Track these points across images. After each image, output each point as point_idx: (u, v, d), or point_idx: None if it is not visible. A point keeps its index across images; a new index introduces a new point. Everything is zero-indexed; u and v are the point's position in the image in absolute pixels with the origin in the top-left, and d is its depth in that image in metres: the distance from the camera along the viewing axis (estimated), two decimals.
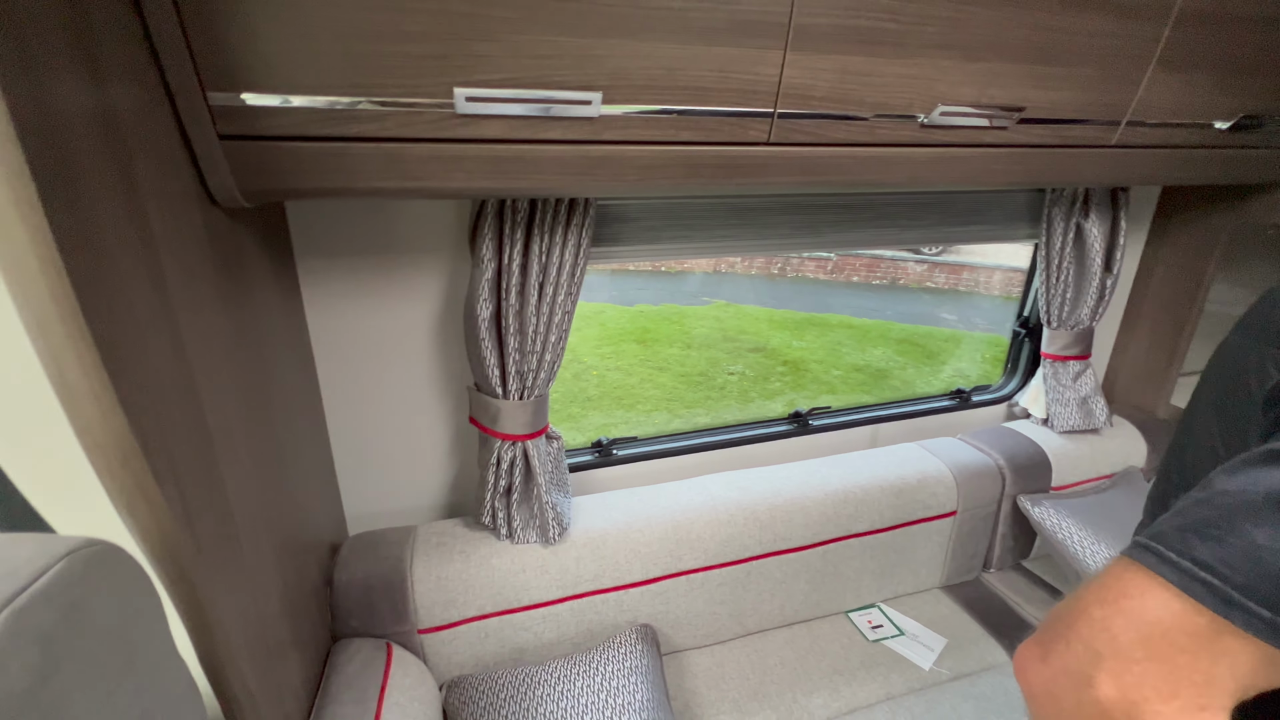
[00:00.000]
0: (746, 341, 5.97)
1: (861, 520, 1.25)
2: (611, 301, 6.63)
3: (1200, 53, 0.94)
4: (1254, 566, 0.29)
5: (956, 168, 0.94)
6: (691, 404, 4.72)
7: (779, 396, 5.01)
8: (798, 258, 7.37)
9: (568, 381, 4.99)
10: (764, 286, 7.42)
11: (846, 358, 5.70)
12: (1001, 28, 0.82)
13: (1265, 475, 0.32)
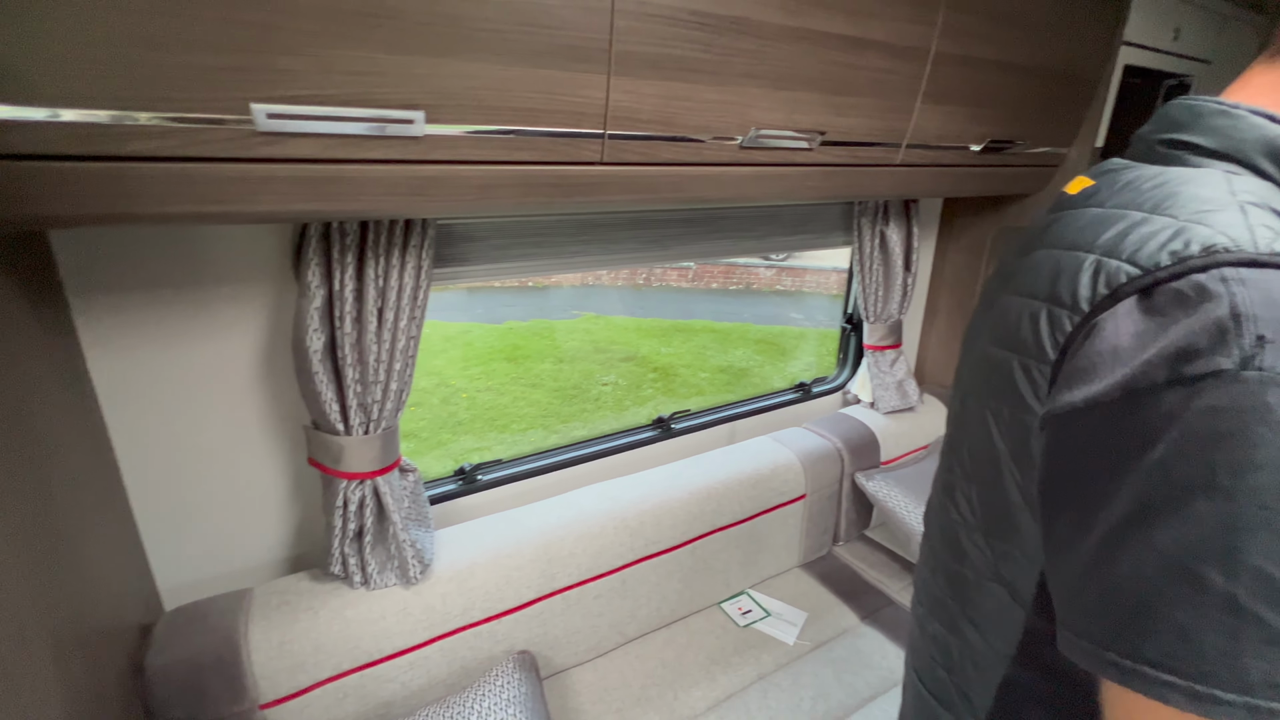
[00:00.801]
0: (618, 352, 6.08)
1: (724, 514, 1.33)
2: (479, 320, 6.42)
3: (954, 89, 1.14)
4: (1194, 650, 0.32)
5: (775, 184, 1.04)
6: (568, 418, 4.70)
7: (652, 403, 5.16)
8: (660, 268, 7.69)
9: (436, 407, 4.75)
10: (631, 297, 7.62)
11: (711, 360, 6.02)
12: (799, 61, 0.93)
13: (1150, 547, 0.34)
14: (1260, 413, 0.32)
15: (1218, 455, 0.33)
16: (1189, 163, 0.44)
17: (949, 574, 0.57)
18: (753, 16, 0.86)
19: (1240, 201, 0.38)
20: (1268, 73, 0.44)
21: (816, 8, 0.90)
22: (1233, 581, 0.32)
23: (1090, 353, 0.39)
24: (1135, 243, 0.39)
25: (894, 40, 1.01)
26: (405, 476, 1.04)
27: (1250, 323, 0.33)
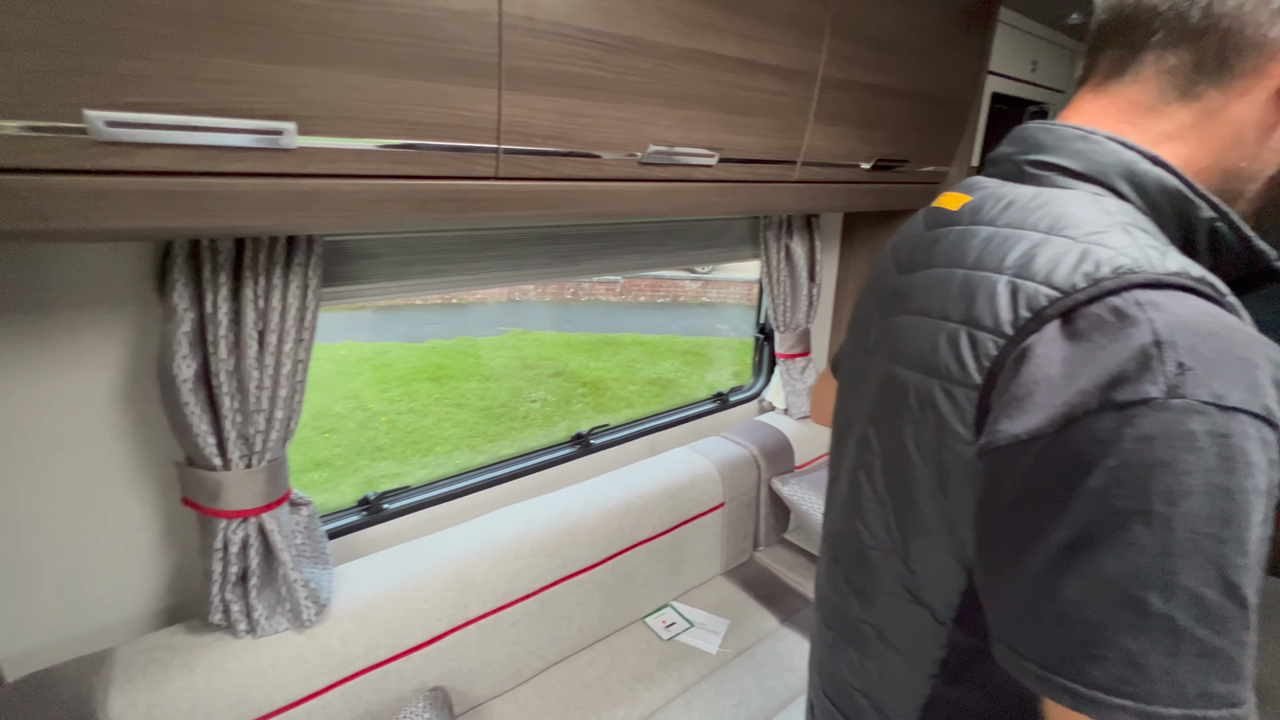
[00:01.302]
0: (546, 367, 6.00)
1: (644, 527, 1.33)
2: (399, 340, 6.16)
3: (843, 111, 1.20)
4: (1142, 674, 0.33)
5: (677, 200, 1.06)
6: (495, 437, 4.58)
7: (582, 417, 5.12)
8: (588, 282, 7.68)
9: (353, 432, 4.50)
10: (559, 311, 7.56)
11: (641, 372, 6.06)
12: (694, 81, 0.95)
13: (1094, 573, 0.35)
14: (1187, 440, 0.33)
15: (1153, 483, 0.34)
16: (1058, 184, 0.46)
17: (863, 597, 0.56)
18: (647, 36, 0.87)
19: (1119, 222, 0.41)
20: (1097, 100, 0.48)
21: (708, 30, 0.93)
22: (1170, 604, 0.33)
23: (1025, 381, 0.39)
24: (1046, 264, 0.40)
25: (783, 64, 1.05)
26: (297, 511, 0.97)
27: (1171, 350, 0.34)
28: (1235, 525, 0.33)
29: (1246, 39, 0.40)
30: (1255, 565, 0.34)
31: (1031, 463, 0.38)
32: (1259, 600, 0.35)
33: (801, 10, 1.05)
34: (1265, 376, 0.34)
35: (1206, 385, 0.33)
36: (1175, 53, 0.43)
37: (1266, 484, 0.34)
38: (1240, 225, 0.42)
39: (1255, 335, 0.35)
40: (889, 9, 1.19)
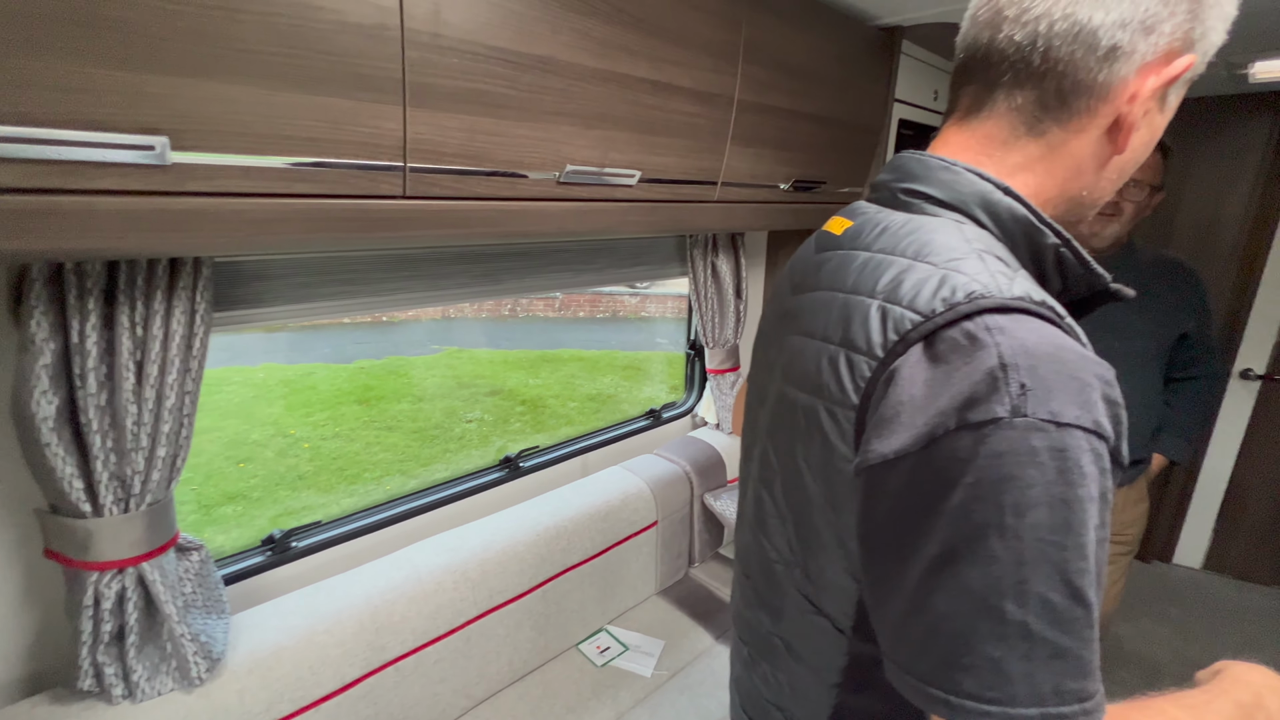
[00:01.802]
0: (483, 386, 5.85)
1: (575, 551, 1.30)
2: (324, 361, 5.86)
3: (759, 134, 1.24)
4: (1004, 679, 0.35)
5: (599, 219, 1.05)
6: (429, 460, 4.40)
7: (521, 436, 5.01)
8: (526, 299, 7.57)
9: (271, 461, 4.21)
10: (495, 328, 7.41)
11: (581, 389, 6.01)
12: (609, 102, 0.95)
13: (958, 586, 0.37)
14: (1030, 456, 0.36)
15: (1004, 497, 0.36)
16: (927, 211, 0.49)
17: (772, 611, 0.57)
18: (559, 56, 0.87)
19: (975, 249, 0.43)
20: (960, 133, 0.51)
21: (622, 52, 0.94)
22: (1024, 610, 0.36)
23: (893, 402, 0.41)
24: (911, 289, 0.43)
25: (699, 87, 1.08)
26: (186, 556, 0.89)
27: (1015, 371, 0.37)
28: (1075, 532, 0.36)
29: (1080, 82, 0.44)
30: (1094, 567, 0.37)
31: (902, 481, 0.40)
32: (1100, 597, 0.38)
33: (715, 36, 1.08)
34: (1095, 393, 0.37)
35: (1045, 404, 0.36)
36: (1022, 92, 0.46)
37: (1099, 491, 0.37)
38: (1080, 250, 0.46)
39: (1086, 355, 0.38)
40: (800, 38, 1.24)
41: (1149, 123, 0.46)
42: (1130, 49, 0.42)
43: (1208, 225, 2.37)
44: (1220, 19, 0.44)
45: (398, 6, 0.70)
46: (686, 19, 1.01)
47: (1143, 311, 1.36)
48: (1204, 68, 0.46)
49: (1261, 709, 0.44)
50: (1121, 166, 0.48)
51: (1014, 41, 0.45)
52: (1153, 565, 2.62)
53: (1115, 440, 0.38)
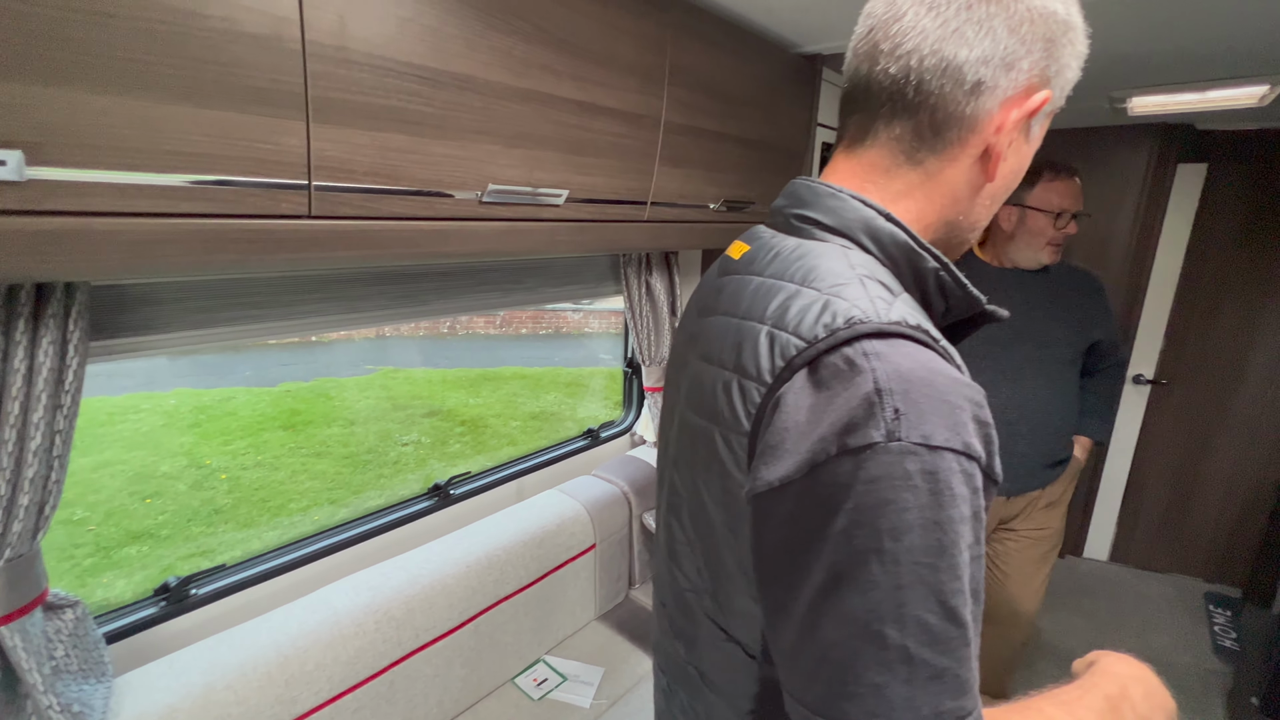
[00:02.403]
0: (420, 407, 5.64)
1: (509, 581, 1.25)
2: (246, 384, 5.51)
3: (688, 154, 1.26)
4: (887, 704, 0.35)
5: (526, 239, 1.03)
6: (360, 487, 4.19)
7: (460, 459, 4.85)
8: (455, 318, 7.39)
9: (183, 495, 3.90)
10: (433, 347, 7.18)
11: (523, 407, 5.90)
12: (533, 121, 0.94)
13: (843, 613, 0.37)
14: (905, 479, 0.36)
15: (882, 521, 0.36)
16: (816, 236, 0.50)
17: (687, 640, 0.57)
18: (478, 74, 0.85)
19: (858, 275, 0.44)
20: (848, 161, 0.53)
21: (545, 72, 0.93)
22: (904, 634, 0.36)
23: (778, 428, 0.41)
24: (797, 315, 0.43)
25: (625, 108, 1.08)
26: (58, 615, 0.79)
27: (889, 396, 0.37)
28: (948, 554, 0.36)
29: (950, 114, 0.46)
30: (968, 586, 0.38)
31: (788, 508, 0.40)
32: (975, 609, 0.39)
33: (640, 58, 1.08)
34: (965, 415, 0.38)
35: (917, 428, 0.36)
36: (900, 123, 0.48)
37: (971, 510, 0.38)
38: (957, 274, 0.48)
39: (958, 378, 0.40)
40: (725, 63, 1.27)
41: (1015, 152, 0.49)
42: (993, 84, 0.45)
43: (1101, 242, 2.59)
44: (1074, 57, 0.47)
45: (297, 18, 0.66)
46: (611, 41, 1.02)
47: (1060, 321, 1.49)
48: (1063, 101, 0.50)
49: (1126, 699, 0.47)
50: (994, 193, 0.51)
51: (889, 75, 0.47)
52: (1066, 560, 2.79)
53: (987, 459, 0.39)
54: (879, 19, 0.48)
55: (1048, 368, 1.49)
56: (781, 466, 0.40)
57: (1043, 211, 1.41)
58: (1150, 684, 0.49)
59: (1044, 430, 1.51)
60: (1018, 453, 1.52)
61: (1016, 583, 1.60)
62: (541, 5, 0.89)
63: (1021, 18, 0.44)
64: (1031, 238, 1.44)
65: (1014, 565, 1.61)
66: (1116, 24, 1.33)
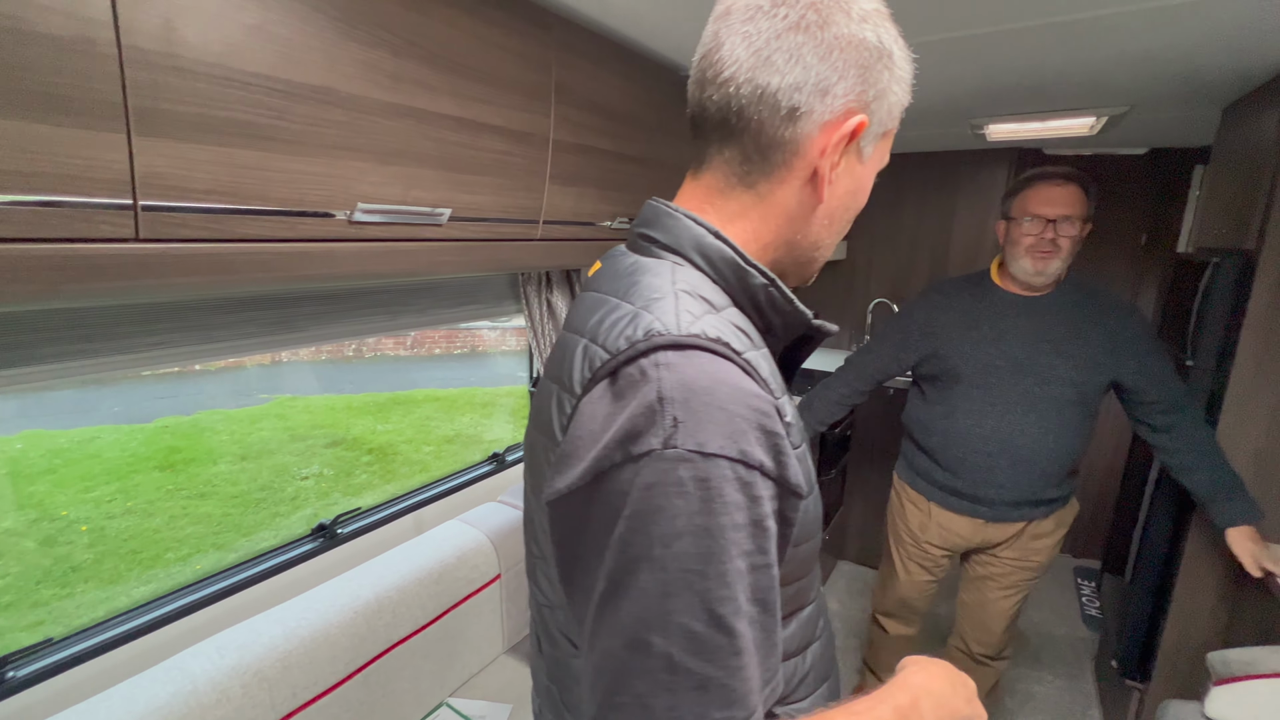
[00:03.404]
0: (321, 437, 5.25)
1: (404, 622, 1.17)
2: (115, 421, 4.92)
3: (580, 173, 1.25)
4: (650, 715, 0.36)
5: (405, 260, 0.98)
6: (253, 528, 3.82)
7: (368, 490, 4.55)
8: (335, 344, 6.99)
9: (32, 553, 3.41)
10: (336, 371, 6.73)
11: (437, 431, 5.65)
12: (408, 138, 0.90)
13: (616, 622, 0.37)
14: (678, 486, 0.37)
15: (653, 528, 0.37)
16: (654, 254, 0.51)
17: (549, 659, 0.56)
18: (341, 88, 0.80)
19: (677, 290, 0.45)
20: (692, 184, 0.55)
21: (420, 88, 0.89)
22: (668, 642, 0.36)
23: (571, 437, 0.42)
24: (609, 328, 0.44)
25: (511, 126, 1.06)
26: None
27: (670, 405, 0.38)
28: (716, 561, 0.37)
29: (772, 139, 0.48)
30: (743, 594, 0.38)
31: (576, 515, 0.41)
32: (762, 617, 0.39)
33: (524, 76, 1.07)
34: (746, 425, 0.39)
35: (693, 436, 0.37)
36: (729, 148, 0.50)
37: (749, 518, 0.38)
38: (784, 290, 0.50)
39: (744, 389, 0.41)
40: (614, 83, 1.28)
41: (848, 173, 0.51)
42: (809, 109, 0.47)
43: (973, 251, 2.84)
44: (894, 81, 0.49)
45: (110, 20, 0.59)
46: (490, 57, 0.99)
47: (1069, 358, 1.36)
48: (895, 123, 0.53)
49: (915, 710, 0.48)
50: (831, 213, 0.53)
51: (714, 102, 0.49)
52: None
53: (777, 469, 0.40)
54: (705, 48, 0.49)
55: (1042, 406, 1.39)
56: (570, 474, 0.40)
57: (1017, 219, 1.38)
58: (941, 696, 0.50)
59: (1027, 469, 1.43)
60: (995, 484, 1.47)
61: (991, 604, 1.60)
62: (410, 19, 0.86)
63: (831, 46, 0.45)
64: (1012, 247, 1.40)
65: (991, 588, 1.60)
66: (973, 62, 1.47)
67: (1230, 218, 1.66)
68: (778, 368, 0.57)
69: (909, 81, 0.52)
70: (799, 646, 0.54)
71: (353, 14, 0.79)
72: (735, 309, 0.49)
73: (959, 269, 2.89)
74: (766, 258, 0.54)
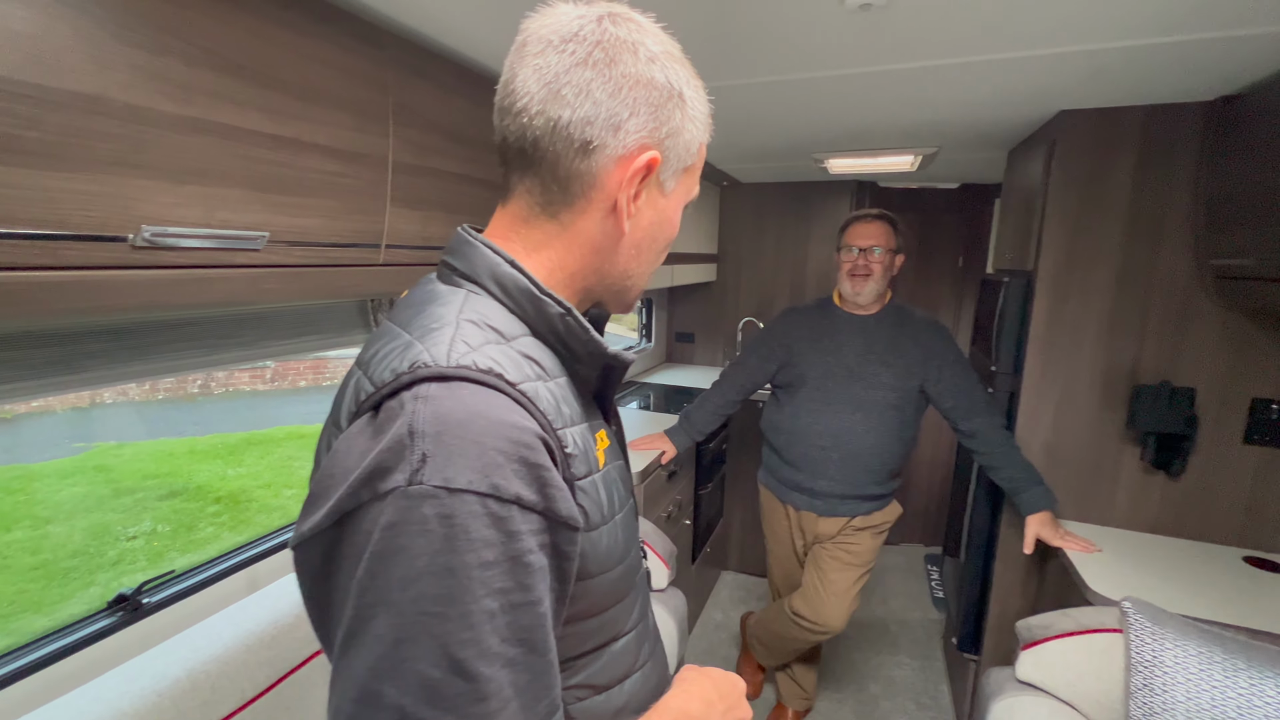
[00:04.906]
0: (156, 488, 4.57)
1: (227, 698, 1.03)
2: None
3: (426, 196, 1.20)
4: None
5: (218, 289, 0.88)
6: (58, 602, 3.21)
7: (214, 544, 4.02)
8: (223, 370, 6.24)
9: None
10: (178, 412, 5.91)
11: (301, 471, 5.13)
12: (208, 155, 0.81)
13: (348, 672, 0.36)
14: (420, 525, 0.35)
15: (392, 571, 0.35)
16: (454, 282, 0.50)
17: None
18: (115, 96, 0.71)
19: (462, 319, 0.44)
20: (500, 213, 0.54)
21: (219, 100, 0.81)
22: (402, 693, 0.34)
23: (322, 475, 0.39)
24: (379, 360, 0.42)
25: (341, 146, 1.00)
26: None
27: (420, 439, 0.36)
28: (459, 602, 0.35)
29: (569, 171, 0.49)
30: (493, 635, 0.36)
31: (320, 560, 0.39)
32: (527, 658, 0.38)
33: (355, 95, 1.02)
34: (502, 456, 0.38)
35: (440, 471, 0.36)
36: (529, 178, 0.51)
37: (502, 554, 0.37)
38: (580, 320, 0.50)
39: (504, 420, 0.39)
40: (459, 105, 1.25)
41: (652, 206, 0.53)
42: (601, 143, 0.48)
43: (827, 274, 3.11)
44: (688, 120, 0.52)
45: None
46: (312, 73, 0.93)
47: (890, 367, 1.63)
48: (695, 159, 0.55)
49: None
50: (637, 243, 0.54)
51: (512, 132, 0.49)
52: None
53: (543, 501, 0.39)
54: (504, 79, 0.50)
55: (867, 407, 1.63)
56: (315, 516, 0.38)
57: (841, 250, 1.69)
58: (696, 717, 0.54)
59: (854, 464, 1.66)
60: (828, 476, 1.69)
61: (829, 591, 1.74)
62: (205, 26, 0.78)
63: (619, 84, 0.47)
64: (839, 272, 1.70)
65: (828, 577, 1.75)
66: (810, 104, 1.62)
67: (1016, 244, 1.95)
68: (594, 397, 0.58)
69: (705, 120, 0.54)
70: (611, 680, 0.54)
71: (128, 16, 0.71)
72: (532, 339, 0.49)
73: (815, 290, 3.15)
74: (575, 286, 0.54)
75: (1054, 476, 1.73)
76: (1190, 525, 1.65)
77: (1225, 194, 1.42)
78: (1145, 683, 1.13)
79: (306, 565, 0.40)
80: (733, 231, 3.27)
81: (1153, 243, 1.59)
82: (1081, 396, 1.70)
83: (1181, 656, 1.11)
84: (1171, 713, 1.09)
